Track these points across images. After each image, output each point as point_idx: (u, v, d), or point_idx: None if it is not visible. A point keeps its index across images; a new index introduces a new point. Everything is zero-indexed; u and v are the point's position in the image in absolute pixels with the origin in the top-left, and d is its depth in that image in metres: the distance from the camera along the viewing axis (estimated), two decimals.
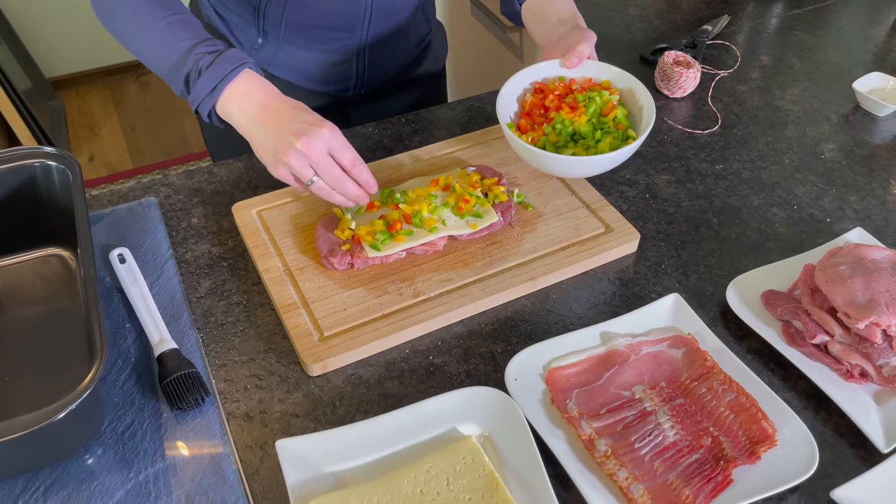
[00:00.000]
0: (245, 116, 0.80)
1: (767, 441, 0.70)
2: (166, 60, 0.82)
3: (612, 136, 0.90)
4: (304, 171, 0.79)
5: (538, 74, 0.96)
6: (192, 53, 0.81)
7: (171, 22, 0.82)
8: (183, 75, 0.81)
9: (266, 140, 0.79)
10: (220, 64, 0.80)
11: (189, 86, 0.81)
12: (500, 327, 0.83)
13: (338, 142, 0.79)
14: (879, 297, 0.76)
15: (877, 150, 1.09)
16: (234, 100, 0.80)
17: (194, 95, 0.81)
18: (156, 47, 0.84)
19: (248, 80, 0.81)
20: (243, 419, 0.74)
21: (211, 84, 0.80)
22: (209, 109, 0.82)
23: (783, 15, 1.43)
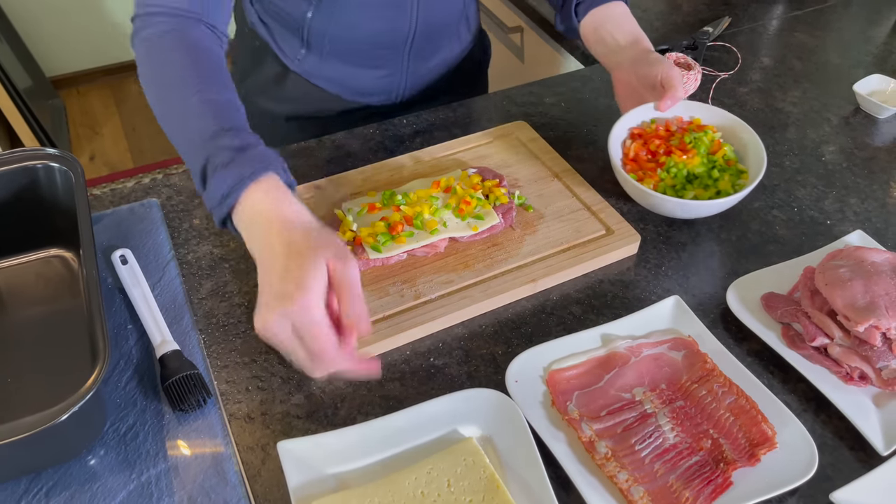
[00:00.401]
0: (252, 248, 0.67)
1: (767, 443, 0.70)
2: (185, 145, 0.72)
3: (728, 173, 0.92)
4: (280, 342, 0.64)
5: (634, 120, 0.98)
6: (211, 144, 0.69)
7: (201, 101, 0.72)
8: (198, 173, 0.70)
9: (260, 289, 0.64)
10: (235, 167, 0.67)
11: (206, 185, 0.69)
12: (501, 329, 0.83)
13: (308, 327, 0.62)
14: (879, 300, 0.77)
15: (877, 153, 1.09)
16: (243, 220, 0.68)
17: (207, 197, 0.69)
18: (179, 128, 0.74)
19: (262, 191, 0.67)
20: (245, 420, 0.74)
21: (217, 195, 0.67)
22: (223, 218, 0.69)
23: (784, 16, 1.43)
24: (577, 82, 1.22)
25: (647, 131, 0.97)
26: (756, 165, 0.92)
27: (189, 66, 0.76)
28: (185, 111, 0.73)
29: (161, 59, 0.77)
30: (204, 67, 0.76)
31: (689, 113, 0.98)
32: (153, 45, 0.78)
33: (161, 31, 0.78)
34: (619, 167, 0.91)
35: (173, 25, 0.79)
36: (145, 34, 0.79)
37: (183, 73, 0.75)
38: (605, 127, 1.12)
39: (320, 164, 1.04)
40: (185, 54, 0.76)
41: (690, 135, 0.95)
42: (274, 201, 0.67)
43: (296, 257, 0.63)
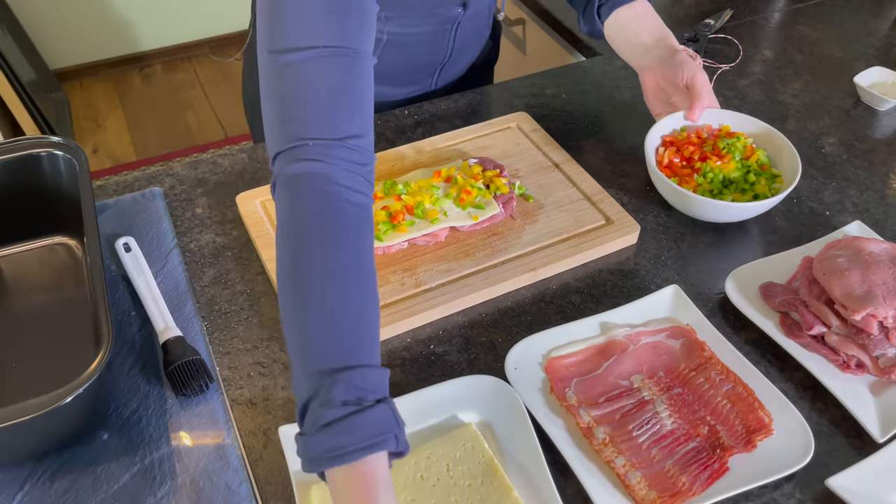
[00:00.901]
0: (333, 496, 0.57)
1: (764, 430, 0.71)
2: (297, 369, 0.60)
3: (763, 176, 0.94)
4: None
5: (665, 129, 0.99)
6: (327, 381, 0.57)
7: (330, 325, 0.60)
8: (299, 409, 0.58)
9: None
10: (347, 430, 0.56)
11: (302, 422, 0.58)
12: (501, 317, 0.84)
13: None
14: (876, 289, 0.77)
15: (877, 145, 1.09)
16: (337, 482, 0.57)
17: (303, 440, 0.57)
18: (296, 350, 0.60)
19: (359, 477, 0.56)
20: (247, 406, 0.75)
21: (319, 449, 0.56)
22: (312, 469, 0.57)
23: (785, 9, 1.43)
24: (579, 74, 1.22)
25: (678, 139, 0.98)
26: (791, 169, 0.93)
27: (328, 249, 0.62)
28: (304, 321, 0.60)
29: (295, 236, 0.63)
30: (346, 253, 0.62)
31: (718, 121, 1.00)
32: (285, 212, 0.64)
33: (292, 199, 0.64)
34: (659, 172, 0.92)
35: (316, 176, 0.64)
36: (280, 186, 0.65)
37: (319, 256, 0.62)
38: (606, 118, 1.12)
39: None
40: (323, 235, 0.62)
41: (723, 141, 0.96)
42: (364, 491, 0.55)
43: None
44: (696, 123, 0.99)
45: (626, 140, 1.08)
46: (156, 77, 3.17)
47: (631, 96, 1.17)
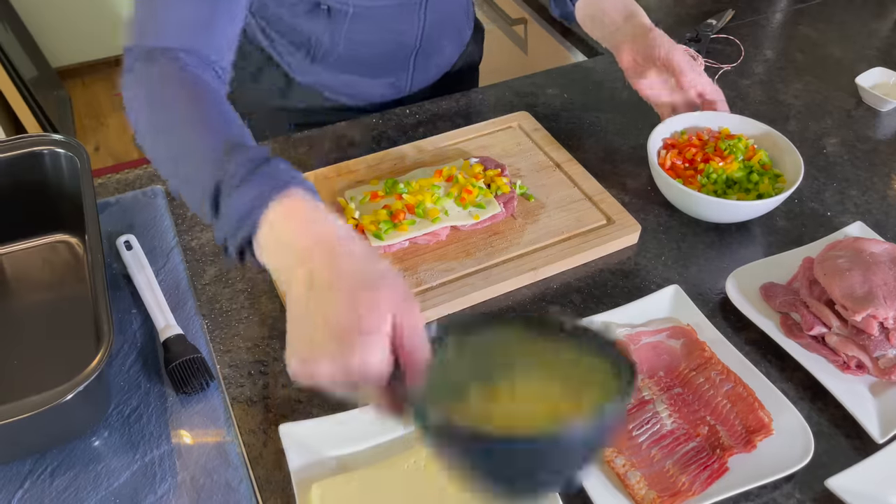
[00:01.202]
0: (276, 270, 0.57)
1: (763, 430, 0.71)
2: (192, 174, 0.63)
3: (766, 176, 0.94)
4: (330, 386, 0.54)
5: (665, 131, 0.99)
6: (222, 163, 0.60)
7: (207, 129, 0.64)
8: (209, 194, 0.60)
9: (297, 334, 0.54)
10: (258, 180, 0.57)
11: (217, 209, 0.60)
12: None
13: (374, 366, 0.51)
14: (877, 290, 0.77)
15: (878, 145, 1.09)
16: (267, 246, 0.57)
17: (220, 222, 0.59)
18: (182, 159, 0.64)
19: (291, 210, 0.57)
20: (247, 404, 0.75)
21: (241, 209, 0.57)
22: (236, 246, 0.59)
23: (787, 9, 1.43)
24: (580, 73, 1.22)
25: (680, 141, 0.99)
26: (793, 168, 0.94)
27: (191, 101, 0.67)
28: (187, 140, 0.64)
29: (160, 97, 0.68)
30: (207, 103, 0.68)
31: (718, 123, 1.00)
32: (150, 81, 0.70)
33: (160, 68, 0.70)
34: (663, 173, 0.92)
35: (173, 61, 0.70)
36: (140, 69, 0.71)
37: (183, 109, 0.66)
38: (607, 118, 1.13)
39: (323, 153, 1.04)
40: (186, 91, 0.68)
41: (724, 142, 0.96)
42: (307, 222, 0.56)
43: (352, 296, 0.52)
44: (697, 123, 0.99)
45: (627, 140, 1.08)
46: None
47: (632, 96, 1.17)
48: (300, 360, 0.53)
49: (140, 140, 0.70)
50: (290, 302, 0.55)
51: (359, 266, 0.54)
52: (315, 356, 0.52)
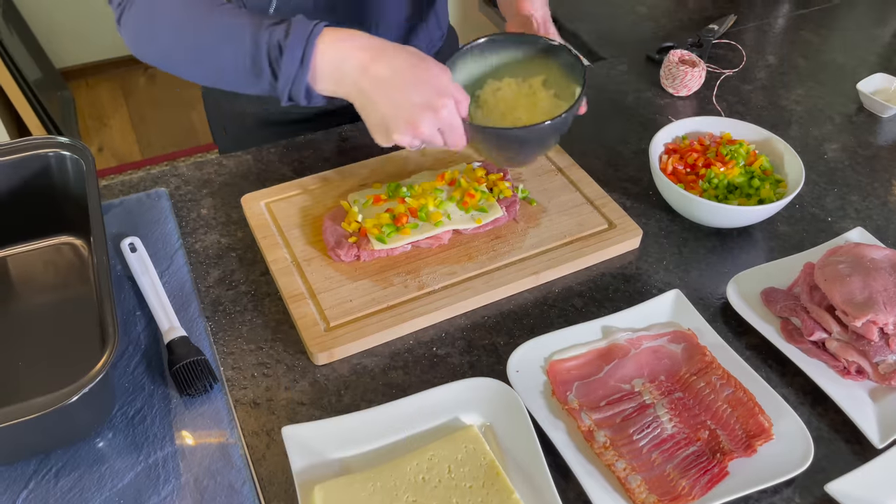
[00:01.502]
0: (354, 82, 0.72)
1: (764, 435, 0.71)
2: (237, 57, 0.74)
3: (768, 182, 0.95)
4: (413, 145, 0.77)
5: (667, 136, 1.00)
6: (260, 34, 0.72)
7: (223, 14, 0.75)
8: (265, 60, 0.72)
9: (380, 115, 0.74)
10: (296, 31, 0.71)
11: (275, 69, 0.72)
12: (503, 320, 0.84)
13: (448, 122, 0.75)
14: (877, 296, 0.77)
15: (879, 151, 1.10)
16: (331, 63, 0.72)
17: (285, 76, 0.72)
18: (219, 50, 0.75)
19: (334, 40, 0.72)
20: (250, 406, 0.75)
21: (297, 55, 0.71)
22: (304, 86, 0.73)
23: (789, 15, 1.43)
24: None
25: (681, 146, 0.99)
26: (794, 174, 0.94)
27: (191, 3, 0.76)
28: (214, 29, 0.74)
29: (160, 9, 0.77)
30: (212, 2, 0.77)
31: (720, 129, 1.01)
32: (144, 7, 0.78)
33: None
34: (664, 178, 0.93)
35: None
36: (130, 6, 0.79)
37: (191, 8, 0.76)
38: (609, 123, 1.13)
39: (327, 156, 1.05)
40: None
41: (726, 147, 0.97)
42: (351, 38, 0.72)
43: (420, 71, 0.73)
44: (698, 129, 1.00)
45: (629, 145, 1.09)
46: (160, 77, 3.18)
47: (634, 101, 1.18)
48: (382, 136, 0.75)
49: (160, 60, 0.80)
50: (358, 106, 0.74)
51: (411, 53, 0.74)
52: (420, 119, 0.73)
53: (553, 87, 0.89)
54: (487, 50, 0.89)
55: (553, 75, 0.89)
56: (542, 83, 0.89)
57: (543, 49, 0.88)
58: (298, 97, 0.75)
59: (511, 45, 0.88)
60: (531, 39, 0.87)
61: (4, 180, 0.83)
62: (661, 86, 1.20)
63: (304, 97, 0.74)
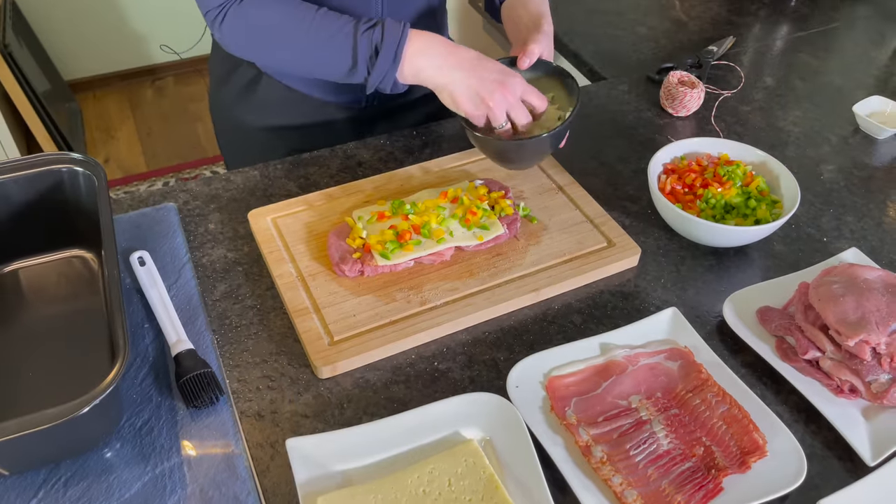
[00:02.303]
0: (439, 67, 0.87)
1: (758, 452, 0.72)
2: (335, 55, 0.88)
3: (764, 202, 0.97)
4: (500, 116, 0.88)
5: (666, 156, 1.02)
6: (359, 36, 0.87)
7: (321, 16, 0.88)
8: (363, 59, 0.87)
9: (467, 85, 0.87)
10: (389, 33, 0.86)
11: (370, 66, 0.87)
12: (504, 336, 0.86)
13: (528, 89, 0.90)
14: (870, 316, 0.79)
15: (875, 173, 1.12)
16: (418, 55, 0.87)
17: (378, 71, 0.87)
18: (321, 48, 0.89)
19: (418, 38, 0.88)
20: (255, 418, 0.77)
21: (391, 55, 0.86)
22: (393, 79, 0.88)
23: (787, 37, 1.46)
24: (583, 98, 1.25)
25: (679, 166, 1.01)
26: (790, 195, 0.96)
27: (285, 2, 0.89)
28: (315, 31, 0.88)
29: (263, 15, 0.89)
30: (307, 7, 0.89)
31: (717, 150, 1.03)
32: (247, 12, 0.89)
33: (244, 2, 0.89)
34: (662, 198, 0.95)
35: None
36: (233, 11, 0.89)
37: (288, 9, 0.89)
38: (609, 142, 1.15)
39: (332, 173, 1.07)
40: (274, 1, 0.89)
41: (723, 168, 0.99)
42: (431, 36, 0.89)
43: (489, 61, 0.89)
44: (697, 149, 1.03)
45: (628, 164, 1.11)
46: (168, 89, 3.21)
47: (634, 120, 1.20)
48: (473, 103, 0.88)
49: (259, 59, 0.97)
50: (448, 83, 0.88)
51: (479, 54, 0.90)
52: (486, 98, 0.87)
53: (557, 103, 0.97)
54: None
55: (558, 94, 0.97)
56: (550, 99, 0.97)
57: (547, 72, 0.99)
58: (385, 87, 0.90)
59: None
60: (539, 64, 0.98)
61: (19, 195, 0.85)
62: (660, 106, 1.23)
63: (390, 88, 0.90)
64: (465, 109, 0.88)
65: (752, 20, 1.52)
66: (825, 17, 1.53)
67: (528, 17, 1.01)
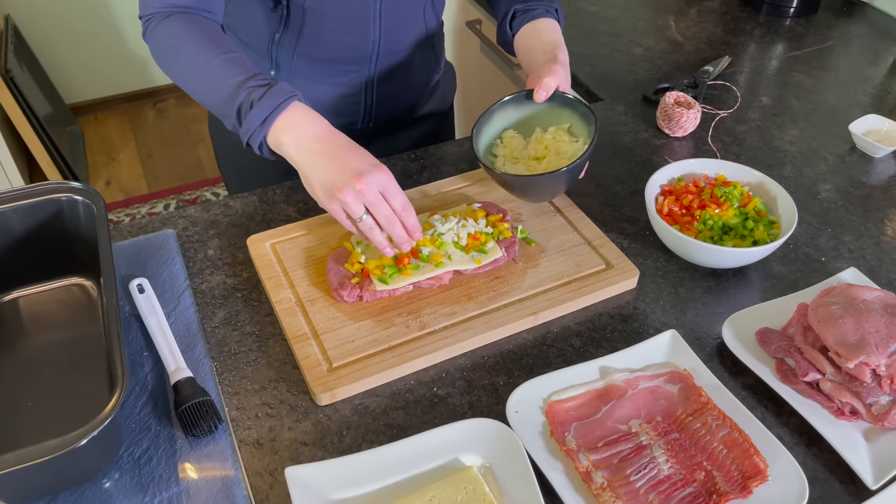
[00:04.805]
0: (299, 147, 0.83)
1: (759, 476, 0.72)
2: (219, 95, 0.86)
3: (761, 223, 0.97)
4: (357, 209, 0.82)
5: (663, 178, 1.03)
6: (243, 87, 0.84)
7: (225, 60, 0.87)
8: (235, 108, 0.85)
9: (322, 174, 0.82)
10: (271, 96, 0.83)
11: (241, 118, 0.85)
12: (503, 360, 0.86)
13: (392, 186, 0.83)
14: (869, 338, 0.79)
15: (872, 191, 1.12)
16: (286, 130, 0.84)
17: (246, 127, 0.84)
18: (210, 83, 0.88)
19: (299, 112, 0.85)
20: (254, 446, 0.77)
21: (262, 115, 0.83)
22: (260, 140, 0.85)
23: (783, 56, 1.47)
24: None
25: (676, 188, 1.02)
26: (788, 215, 0.96)
27: (200, 37, 0.89)
28: (211, 72, 0.87)
29: (175, 40, 0.90)
30: (212, 36, 0.90)
31: (715, 170, 1.04)
32: (165, 31, 0.90)
33: (169, 21, 0.90)
34: (660, 220, 0.95)
35: (177, 15, 0.91)
36: (154, 26, 0.91)
37: (197, 43, 0.89)
38: (607, 164, 1.16)
39: None
40: (194, 29, 0.90)
41: (720, 189, 0.99)
42: (312, 115, 0.85)
43: (354, 145, 0.85)
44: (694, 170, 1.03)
45: (626, 185, 1.11)
46: (168, 112, 3.23)
47: (631, 141, 1.21)
48: (326, 195, 0.82)
49: (168, 73, 0.93)
50: (303, 168, 0.84)
51: (350, 141, 0.85)
52: (337, 190, 0.81)
53: (577, 136, 1.00)
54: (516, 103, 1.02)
55: (575, 124, 1.00)
56: (566, 130, 1.01)
57: (563, 103, 1.00)
58: (253, 147, 0.86)
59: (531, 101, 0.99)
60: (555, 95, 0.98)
61: (19, 224, 0.85)
62: (657, 126, 1.23)
63: (258, 149, 0.86)
64: (318, 197, 0.84)
65: (747, 40, 1.53)
66: (820, 36, 1.54)
67: (543, 49, 1.00)
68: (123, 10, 2.99)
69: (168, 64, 0.92)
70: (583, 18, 1.61)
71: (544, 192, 0.98)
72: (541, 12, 1.04)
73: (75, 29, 2.95)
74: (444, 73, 1.27)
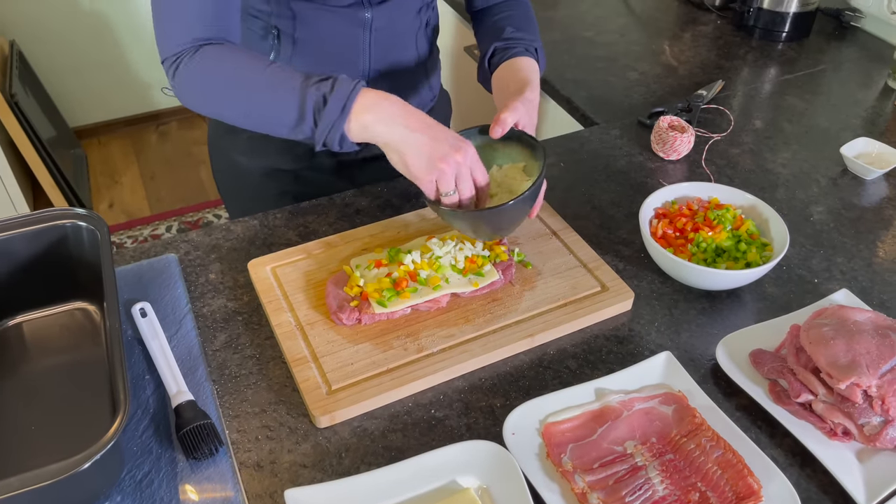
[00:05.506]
0: (387, 123, 0.84)
1: (753, 497, 0.73)
2: (282, 106, 0.85)
3: (754, 245, 0.99)
4: (449, 182, 0.85)
5: (657, 201, 1.05)
6: (308, 88, 0.83)
7: (273, 70, 0.86)
8: (309, 109, 0.84)
9: (418, 146, 0.84)
10: (340, 86, 0.83)
11: (317, 117, 0.84)
12: (500, 382, 0.87)
13: (478, 162, 0.87)
14: (860, 359, 0.80)
15: (864, 213, 1.14)
16: (368, 110, 0.83)
17: (325, 123, 0.83)
18: (269, 98, 0.86)
19: (372, 93, 0.85)
20: (254, 469, 0.78)
21: (339, 105, 0.83)
22: (341, 132, 0.84)
23: (776, 80, 1.49)
24: (575, 143, 1.28)
25: (670, 211, 1.04)
26: (780, 238, 0.98)
27: (242, 58, 0.88)
28: (265, 82, 0.86)
29: (218, 68, 0.88)
30: (249, 54, 0.89)
31: (707, 194, 1.06)
32: (204, 65, 0.88)
33: (202, 55, 0.88)
34: (654, 243, 0.97)
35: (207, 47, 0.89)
36: (185, 63, 0.88)
37: (241, 65, 0.88)
38: (602, 187, 1.17)
39: (331, 221, 1.09)
40: (233, 54, 0.89)
41: (713, 212, 1.01)
42: (385, 94, 0.86)
43: (444, 126, 0.86)
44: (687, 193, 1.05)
45: (621, 208, 1.13)
46: (171, 134, 3.27)
47: (626, 165, 1.23)
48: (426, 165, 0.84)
49: (208, 111, 0.93)
50: (399, 143, 0.84)
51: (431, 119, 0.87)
52: (438, 160, 0.84)
53: (529, 174, 0.97)
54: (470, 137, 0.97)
55: (529, 163, 0.98)
56: (522, 169, 0.98)
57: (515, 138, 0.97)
58: (332, 143, 0.85)
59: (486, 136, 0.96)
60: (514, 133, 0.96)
61: (24, 250, 0.87)
62: (652, 150, 1.25)
63: (338, 143, 0.85)
64: (414, 171, 0.85)
65: (740, 64, 1.56)
66: (812, 60, 1.57)
67: (514, 85, 1.00)
68: (126, 34, 3.04)
69: (213, 95, 0.90)
70: (578, 44, 1.64)
71: (487, 228, 0.92)
72: (519, 51, 1.03)
73: (79, 53, 2.99)
74: (438, 100, 1.29)
